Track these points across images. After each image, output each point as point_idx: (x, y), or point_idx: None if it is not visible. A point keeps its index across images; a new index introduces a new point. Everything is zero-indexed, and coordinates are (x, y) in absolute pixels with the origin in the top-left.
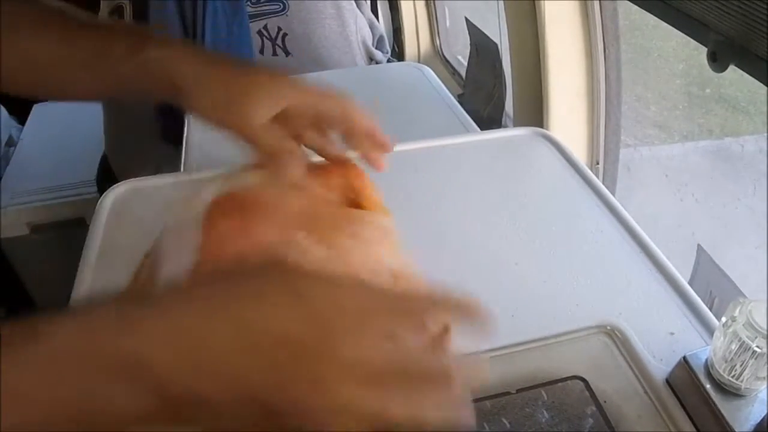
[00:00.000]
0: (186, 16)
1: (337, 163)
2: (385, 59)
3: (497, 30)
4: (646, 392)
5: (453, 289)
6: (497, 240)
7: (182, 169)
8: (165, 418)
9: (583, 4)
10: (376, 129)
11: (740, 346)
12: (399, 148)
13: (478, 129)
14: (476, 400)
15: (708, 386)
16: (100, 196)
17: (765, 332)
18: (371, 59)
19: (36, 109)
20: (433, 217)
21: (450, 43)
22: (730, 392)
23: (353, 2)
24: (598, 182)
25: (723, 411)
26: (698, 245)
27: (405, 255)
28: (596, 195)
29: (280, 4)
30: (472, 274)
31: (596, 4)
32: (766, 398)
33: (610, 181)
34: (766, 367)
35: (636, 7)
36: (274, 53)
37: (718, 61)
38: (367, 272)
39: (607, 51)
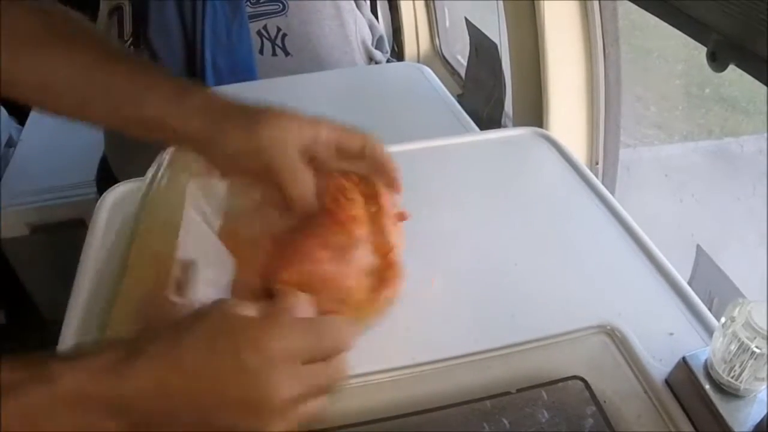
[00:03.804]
0: (186, 17)
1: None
2: (385, 59)
3: (497, 30)
4: (645, 392)
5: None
6: (497, 240)
7: None
8: None
9: (582, 4)
10: (393, 167)
11: (739, 347)
12: (399, 148)
13: (478, 129)
14: (476, 400)
15: (707, 387)
16: (100, 196)
17: (764, 333)
18: (371, 59)
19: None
20: (432, 217)
21: (450, 43)
22: (730, 393)
23: (353, 2)
24: (598, 182)
25: (722, 411)
26: (698, 245)
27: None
28: (596, 195)
29: (280, 4)
30: (472, 275)
31: (596, 5)
32: (765, 399)
33: (610, 181)
34: (765, 367)
35: (636, 7)
36: (274, 53)
37: (717, 60)
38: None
39: (606, 51)
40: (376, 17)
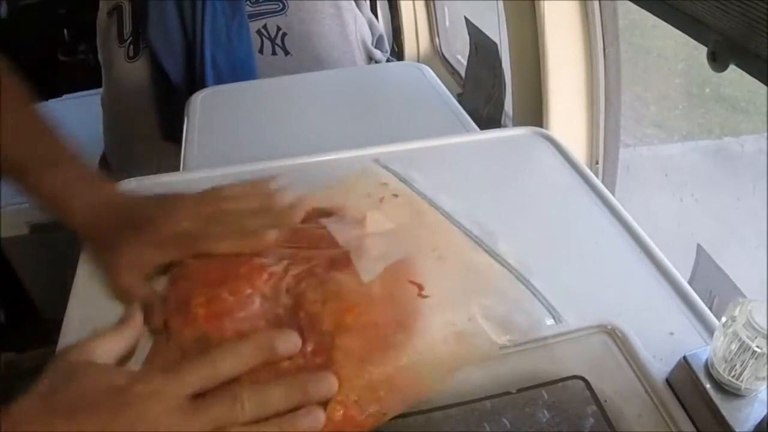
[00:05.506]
0: (185, 16)
1: None
2: (385, 59)
3: (497, 30)
4: (646, 392)
5: None
6: (496, 240)
7: (182, 168)
8: None
9: (582, 4)
10: None
11: (740, 346)
12: (398, 147)
13: (478, 129)
14: (476, 400)
15: (708, 386)
16: None
17: (765, 332)
18: (370, 59)
19: None
20: (431, 216)
21: (449, 42)
22: (730, 392)
23: (353, 2)
24: (598, 182)
25: (723, 411)
26: (698, 245)
27: None
28: (596, 195)
29: (280, 3)
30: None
31: (596, 4)
32: (766, 398)
33: (610, 180)
34: (766, 367)
35: (636, 7)
36: (274, 53)
37: (718, 60)
38: None
39: (606, 51)
40: (376, 16)
